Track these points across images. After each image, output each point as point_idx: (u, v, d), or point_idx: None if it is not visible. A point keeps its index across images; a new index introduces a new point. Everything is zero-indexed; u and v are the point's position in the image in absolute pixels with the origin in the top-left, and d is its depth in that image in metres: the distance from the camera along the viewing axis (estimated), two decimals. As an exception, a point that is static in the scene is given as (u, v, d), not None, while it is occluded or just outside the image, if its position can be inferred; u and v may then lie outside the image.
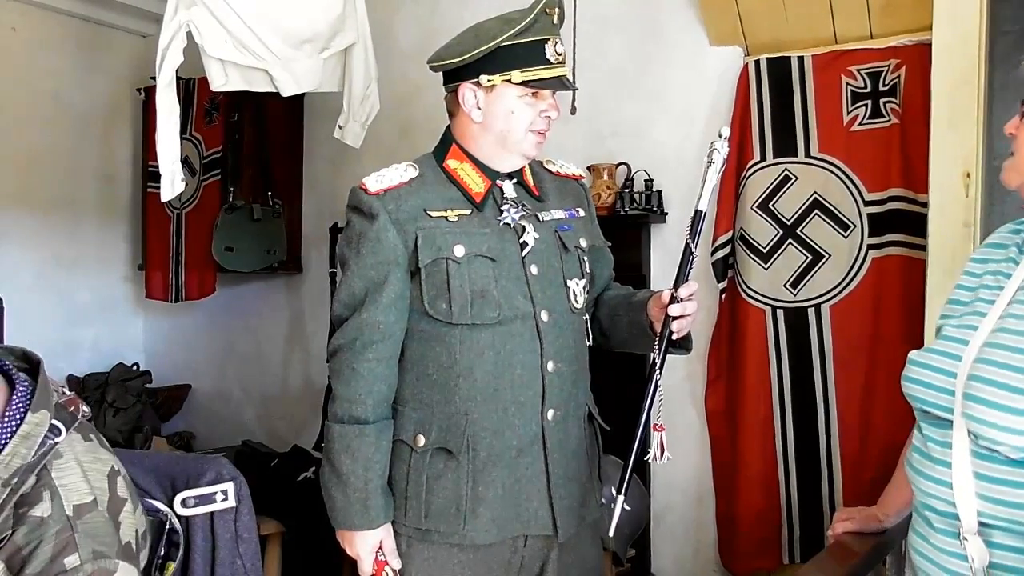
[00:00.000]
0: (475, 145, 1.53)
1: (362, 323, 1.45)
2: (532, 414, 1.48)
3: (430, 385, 1.49)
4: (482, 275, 1.47)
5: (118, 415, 3.55)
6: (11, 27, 3.61)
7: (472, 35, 1.51)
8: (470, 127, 1.52)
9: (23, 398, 1.23)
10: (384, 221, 1.46)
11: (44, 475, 1.21)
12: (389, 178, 1.50)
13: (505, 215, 1.52)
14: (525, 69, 1.46)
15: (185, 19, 2.35)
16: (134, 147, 4.06)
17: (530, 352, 1.48)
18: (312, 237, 3.55)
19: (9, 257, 3.54)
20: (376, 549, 1.48)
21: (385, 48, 2.90)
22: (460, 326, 1.46)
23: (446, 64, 1.51)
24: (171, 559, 1.57)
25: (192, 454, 3.25)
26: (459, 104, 1.51)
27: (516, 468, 1.48)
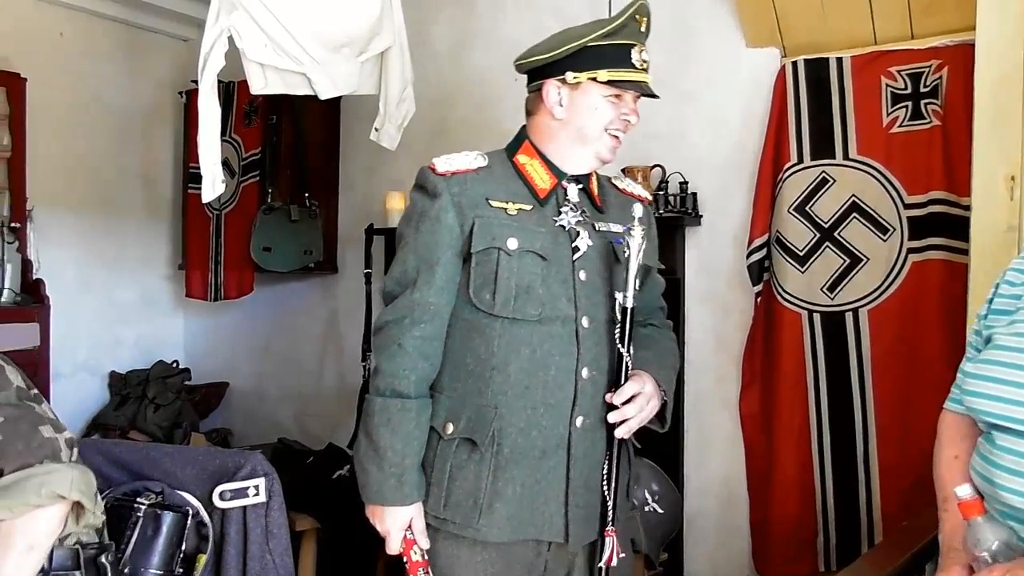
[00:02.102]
0: (550, 143, 1.56)
1: (413, 302, 1.47)
2: (561, 418, 1.48)
3: (465, 375, 1.50)
4: (530, 271, 1.48)
5: (158, 411, 3.62)
6: (59, 33, 3.71)
7: (561, 36, 1.54)
8: (548, 124, 1.55)
9: None
10: (446, 202, 1.48)
11: None
12: (458, 162, 1.52)
13: (563, 217, 1.53)
14: (611, 69, 1.49)
15: (226, 24, 2.39)
16: (175, 149, 4.14)
17: (566, 355, 1.48)
18: (348, 238, 3.58)
19: (56, 256, 3.63)
20: (405, 527, 1.48)
21: (421, 51, 2.92)
22: (501, 319, 1.47)
23: (534, 61, 1.55)
24: (201, 551, 1.61)
25: (230, 450, 3.30)
26: (542, 101, 1.54)
27: (538, 469, 1.47)
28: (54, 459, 1.31)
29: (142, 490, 1.61)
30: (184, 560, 1.55)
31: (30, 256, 3.48)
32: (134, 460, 1.73)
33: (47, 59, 3.61)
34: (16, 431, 1.31)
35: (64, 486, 1.29)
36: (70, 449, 1.36)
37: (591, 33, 1.49)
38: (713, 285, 2.59)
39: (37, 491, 1.27)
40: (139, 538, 1.51)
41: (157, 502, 1.55)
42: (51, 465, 1.29)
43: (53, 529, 1.31)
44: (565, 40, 1.52)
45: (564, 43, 1.51)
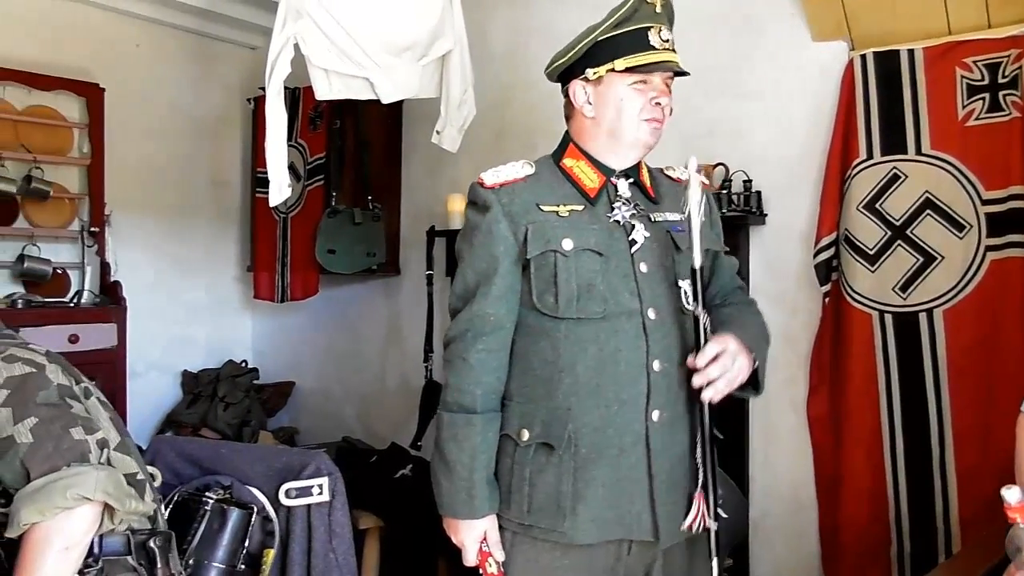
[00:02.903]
0: (590, 141, 1.56)
1: (473, 315, 1.49)
2: (636, 413, 1.46)
3: (535, 380, 1.50)
4: (589, 269, 1.47)
5: (228, 409, 3.73)
6: (135, 44, 3.85)
7: (578, 37, 1.55)
8: (584, 124, 1.56)
9: None
10: (496, 213, 1.49)
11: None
12: (505, 173, 1.54)
13: (616, 212, 1.53)
14: (628, 56, 1.48)
15: (292, 32, 2.45)
16: (244, 154, 4.25)
17: (635, 349, 1.47)
18: (410, 240, 3.62)
19: (132, 259, 3.77)
20: (480, 539, 1.49)
21: (480, 53, 2.94)
22: (566, 320, 1.47)
23: (556, 67, 1.57)
24: (268, 546, 1.65)
25: (296, 448, 3.37)
26: (573, 103, 1.56)
27: (618, 468, 1.46)
28: (82, 461, 1.35)
29: (212, 484, 1.66)
30: (248, 557, 1.59)
31: (108, 259, 3.62)
32: (205, 456, 1.79)
33: (123, 70, 3.75)
34: (47, 433, 1.36)
35: (89, 488, 1.32)
36: (100, 450, 1.40)
37: (601, 26, 1.50)
38: (779, 285, 2.53)
39: (63, 494, 1.30)
40: (205, 531, 1.56)
41: (224, 497, 1.60)
42: (78, 468, 1.33)
43: (88, 528, 1.35)
44: (580, 39, 1.53)
45: (578, 42, 1.52)
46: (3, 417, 1.36)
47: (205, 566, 1.53)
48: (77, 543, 1.33)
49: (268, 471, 1.71)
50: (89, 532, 1.35)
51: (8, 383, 1.39)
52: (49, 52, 3.50)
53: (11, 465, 1.34)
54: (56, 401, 1.40)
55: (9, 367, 1.41)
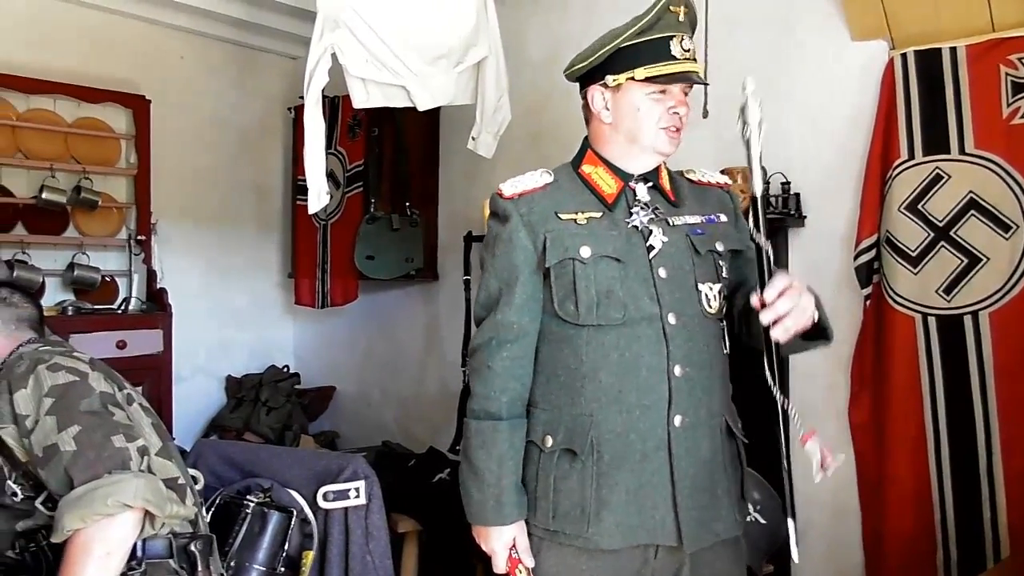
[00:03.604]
0: (607, 147, 1.56)
1: (497, 323, 1.50)
2: (658, 419, 1.46)
3: (558, 387, 1.51)
4: (608, 276, 1.48)
5: (271, 413, 3.79)
6: (180, 56, 3.95)
7: (599, 41, 1.55)
8: (602, 129, 1.56)
9: None
10: (516, 223, 1.50)
11: None
12: (524, 183, 1.54)
13: (633, 218, 1.52)
14: (649, 66, 1.47)
15: (330, 42, 2.49)
16: (285, 162, 4.33)
17: (656, 355, 1.46)
18: (447, 245, 3.65)
19: (177, 265, 3.87)
20: (510, 546, 1.50)
21: (515, 59, 2.95)
22: (587, 327, 1.47)
23: (575, 70, 1.57)
24: (307, 548, 1.68)
25: (334, 452, 3.41)
26: (591, 107, 1.56)
27: (641, 473, 1.46)
28: (123, 468, 1.38)
29: (253, 487, 1.70)
30: (287, 560, 1.62)
31: (155, 266, 3.71)
32: (245, 459, 1.83)
33: (169, 81, 3.85)
34: (89, 441, 1.40)
35: (129, 495, 1.36)
36: (141, 457, 1.44)
37: (623, 35, 1.49)
38: (818, 288, 2.44)
39: (105, 501, 1.34)
40: (246, 534, 1.59)
41: (265, 501, 1.63)
42: (118, 475, 1.37)
43: (128, 535, 1.38)
44: (602, 44, 1.52)
45: (600, 47, 1.51)
46: (48, 425, 1.40)
47: (246, 568, 1.57)
48: (118, 549, 1.37)
49: (306, 474, 1.74)
50: (130, 538, 1.39)
51: (53, 391, 1.44)
52: (97, 65, 3.61)
53: (55, 472, 1.39)
54: (98, 409, 1.45)
55: (54, 376, 1.46)
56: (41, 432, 1.40)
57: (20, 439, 1.43)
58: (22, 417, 1.43)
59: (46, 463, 1.39)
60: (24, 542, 1.50)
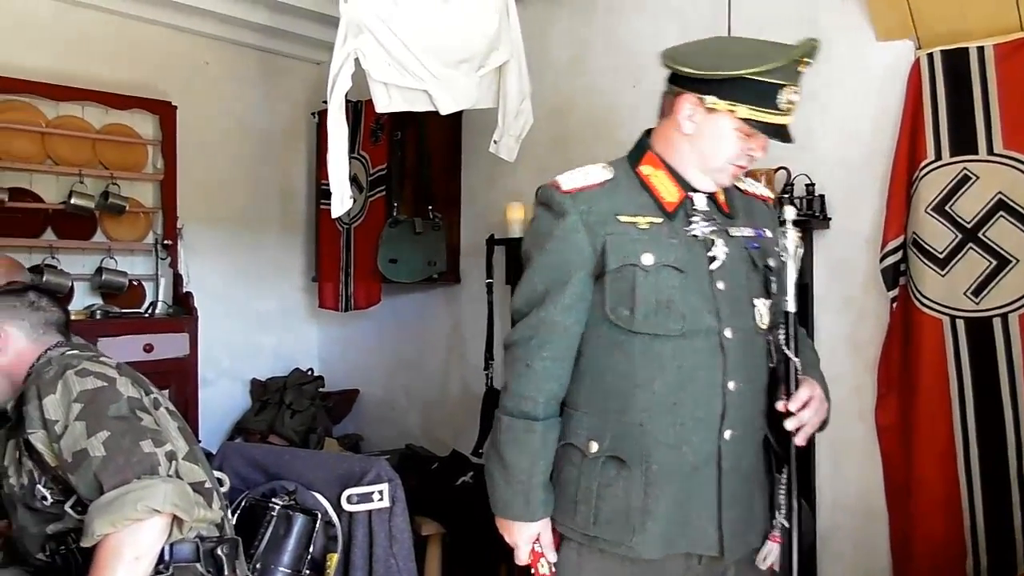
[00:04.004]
0: (675, 155, 1.51)
1: (540, 321, 1.46)
2: (710, 432, 1.45)
3: (605, 392, 1.47)
4: (668, 285, 1.44)
5: (295, 416, 3.82)
6: (205, 62, 3.99)
7: (717, 51, 1.49)
8: (676, 136, 1.50)
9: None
10: (574, 221, 1.45)
11: None
12: (583, 178, 1.49)
13: (694, 227, 1.48)
14: (753, 107, 1.42)
15: (353, 47, 2.50)
16: (309, 167, 4.36)
17: (712, 369, 1.44)
18: (470, 248, 3.66)
19: (203, 269, 3.90)
20: (533, 540, 1.49)
21: (537, 62, 2.95)
22: (642, 335, 1.44)
23: (681, 70, 1.47)
24: (331, 551, 1.69)
25: (357, 455, 3.43)
26: (674, 110, 1.49)
27: (690, 485, 1.44)
28: (151, 474, 1.40)
29: (278, 490, 1.71)
30: (311, 563, 1.63)
31: (181, 271, 3.75)
32: (271, 462, 1.84)
33: (194, 87, 3.89)
34: (118, 446, 1.42)
35: (158, 500, 1.37)
36: (169, 462, 1.45)
37: (749, 66, 1.41)
38: (844, 291, 2.47)
39: (134, 506, 1.36)
40: (271, 537, 1.60)
41: (290, 504, 1.64)
42: (147, 480, 1.38)
43: (156, 539, 1.40)
44: (719, 59, 1.44)
45: (718, 65, 1.43)
46: (78, 430, 1.42)
47: (271, 571, 1.58)
48: (147, 553, 1.39)
49: (330, 477, 1.75)
50: (158, 542, 1.40)
51: (81, 396, 1.46)
52: (124, 72, 3.65)
53: (85, 477, 1.41)
54: (126, 414, 1.46)
55: (82, 381, 1.48)
56: (70, 437, 1.42)
57: (50, 444, 1.45)
58: (51, 422, 1.45)
59: (76, 468, 1.41)
60: (54, 545, 1.52)
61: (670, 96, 1.50)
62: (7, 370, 1.64)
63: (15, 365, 1.63)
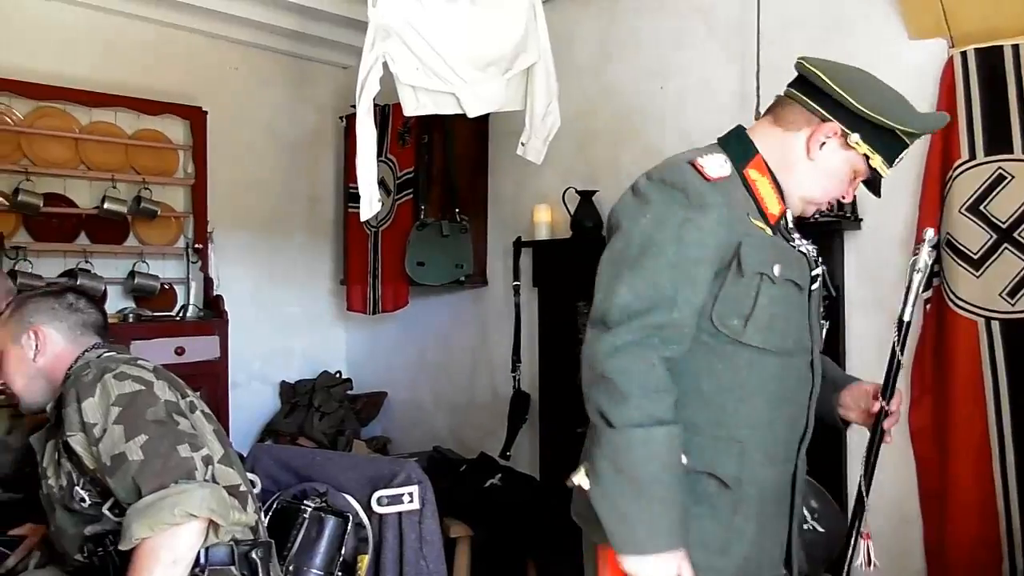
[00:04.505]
0: (786, 170, 1.42)
1: (666, 322, 1.27)
2: (792, 452, 1.44)
3: (701, 403, 1.35)
4: (786, 300, 1.37)
5: (324, 419, 3.85)
6: (234, 67, 4.03)
7: (875, 89, 1.40)
8: (795, 154, 1.41)
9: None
10: (720, 215, 1.30)
11: None
12: (718, 167, 1.35)
13: (798, 242, 1.42)
14: (883, 160, 1.39)
15: (381, 51, 2.52)
16: (336, 171, 4.39)
17: (804, 389, 1.43)
18: (497, 251, 3.66)
19: (233, 273, 3.95)
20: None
21: (563, 64, 2.95)
22: (749, 347, 1.34)
23: (845, 98, 1.36)
24: (362, 552, 1.70)
25: (387, 457, 3.44)
26: (808, 130, 1.40)
27: (775, 506, 1.42)
28: (188, 478, 1.41)
29: (309, 491, 1.72)
30: (343, 565, 1.64)
31: (211, 274, 3.79)
32: (301, 464, 1.86)
33: (223, 93, 3.94)
34: (156, 451, 1.43)
35: (195, 505, 1.38)
36: (206, 467, 1.46)
37: (906, 123, 1.37)
38: (876, 292, 2.44)
39: (171, 511, 1.37)
40: (304, 539, 1.62)
41: (321, 506, 1.65)
42: (184, 485, 1.40)
43: (193, 543, 1.41)
44: (880, 101, 1.37)
45: (880, 108, 1.35)
46: (116, 434, 1.44)
47: (304, 572, 1.59)
48: (183, 556, 1.40)
49: (360, 479, 1.76)
50: (195, 546, 1.42)
51: (120, 400, 1.48)
52: (155, 78, 3.70)
53: (123, 480, 1.43)
54: (164, 418, 1.48)
55: (120, 384, 1.50)
56: (109, 441, 1.44)
57: (88, 447, 1.48)
58: (90, 425, 1.47)
59: (114, 472, 1.43)
60: (92, 546, 1.54)
61: (807, 114, 1.40)
62: (46, 371, 1.66)
63: (53, 366, 1.66)
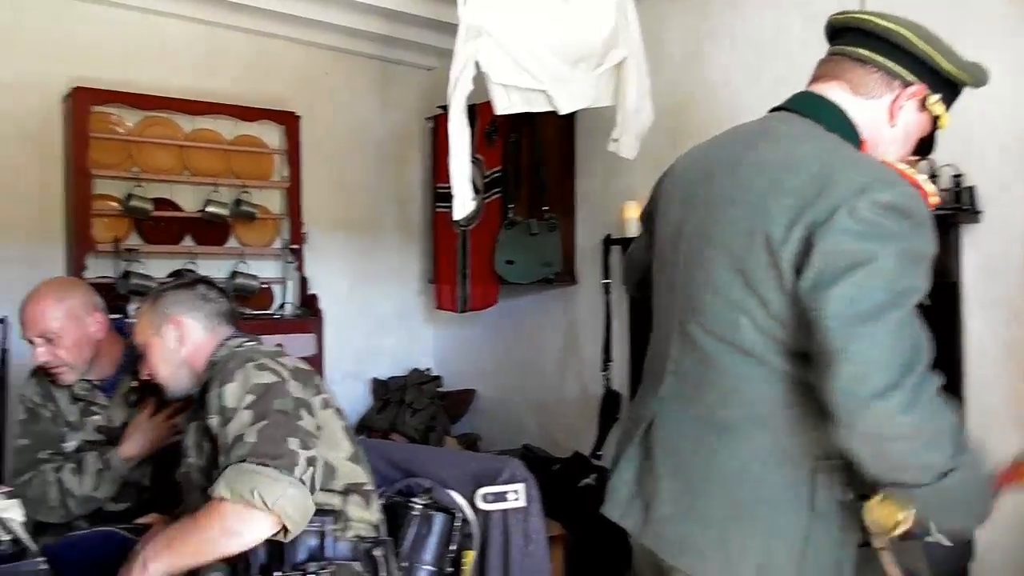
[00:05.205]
0: (875, 146, 1.33)
1: (928, 346, 1.14)
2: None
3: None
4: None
5: (415, 415, 3.90)
6: (324, 72, 4.13)
7: (953, 53, 1.32)
8: (879, 123, 1.33)
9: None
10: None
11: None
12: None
13: None
14: (945, 118, 1.34)
15: (473, 50, 2.53)
16: (424, 172, 4.44)
17: None
18: (586, 249, 3.64)
19: (328, 273, 4.05)
20: None
21: (653, 58, 2.90)
22: None
23: (929, 56, 1.28)
24: (467, 548, 1.70)
25: (487, 453, 3.45)
26: (887, 91, 1.31)
27: None
28: (287, 470, 1.41)
29: (414, 487, 1.74)
30: (452, 560, 1.65)
31: (306, 274, 3.90)
32: (404, 459, 1.87)
33: (315, 98, 4.04)
34: (270, 437, 1.45)
35: (271, 497, 1.38)
36: (307, 467, 1.45)
37: (979, 82, 1.33)
38: (997, 290, 2.31)
39: (250, 489, 1.38)
40: (415, 535, 1.63)
41: (429, 503, 1.66)
42: (278, 474, 1.40)
43: (257, 533, 1.40)
44: (959, 62, 1.31)
45: (960, 67, 1.30)
46: (244, 418, 1.48)
47: (416, 568, 1.61)
48: (235, 537, 1.41)
49: (463, 475, 1.76)
50: (257, 535, 1.41)
51: (255, 389, 1.52)
52: (252, 86, 3.83)
53: (233, 458, 1.46)
54: (290, 410, 1.51)
55: (259, 375, 1.55)
56: (237, 423, 1.48)
57: (219, 428, 1.52)
58: (226, 409, 1.51)
59: (230, 450, 1.47)
60: None
61: (887, 78, 1.31)
62: (188, 360, 1.73)
63: (194, 356, 1.72)
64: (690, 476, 1.30)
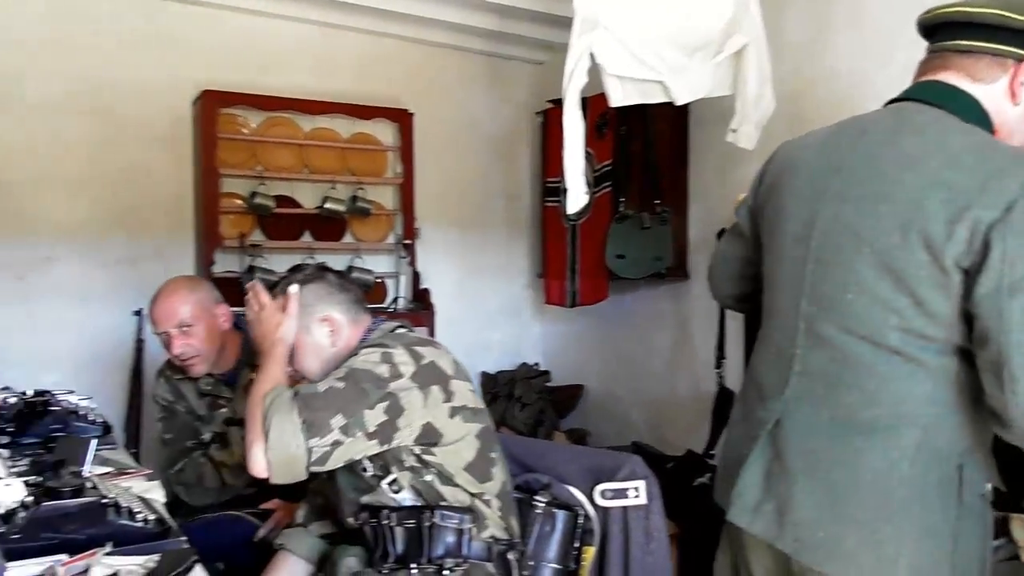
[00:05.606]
0: (1006, 133, 1.29)
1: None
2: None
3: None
4: None
5: (524, 409, 3.92)
6: (436, 70, 4.19)
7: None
8: (1004, 107, 1.28)
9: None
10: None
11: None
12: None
13: None
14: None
15: (588, 42, 2.51)
16: (532, 167, 4.45)
17: None
18: (699, 243, 3.55)
19: (438, 267, 4.12)
20: None
21: (775, 44, 2.80)
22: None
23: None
24: (587, 544, 1.68)
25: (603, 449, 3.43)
26: (1002, 73, 1.27)
27: None
28: (306, 432, 1.38)
29: (532, 482, 1.74)
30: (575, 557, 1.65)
31: (419, 268, 3.97)
32: (521, 453, 1.87)
33: (427, 95, 4.11)
34: (327, 399, 1.43)
35: (273, 436, 1.38)
36: (327, 447, 1.40)
37: None
38: None
39: (268, 415, 1.40)
40: (539, 533, 1.63)
41: (552, 500, 1.66)
42: (296, 430, 1.38)
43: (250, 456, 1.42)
44: None
45: None
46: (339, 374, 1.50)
47: (542, 566, 1.61)
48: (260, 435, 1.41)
49: (581, 471, 1.75)
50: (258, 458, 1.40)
51: (385, 358, 1.52)
52: (366, 84, 3.93)
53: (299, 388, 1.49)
54: (368, 390, 1.46)
55: (397, 354, 1.54)
56: (332, 376, 1.51)
57: None
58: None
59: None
60: (367, 515, 1.57)
61: (999, 59, 1.27)
62: (341, 354, 1.63)
63: (342, 352, 1.64)
64: (832, 479, 1.26)
